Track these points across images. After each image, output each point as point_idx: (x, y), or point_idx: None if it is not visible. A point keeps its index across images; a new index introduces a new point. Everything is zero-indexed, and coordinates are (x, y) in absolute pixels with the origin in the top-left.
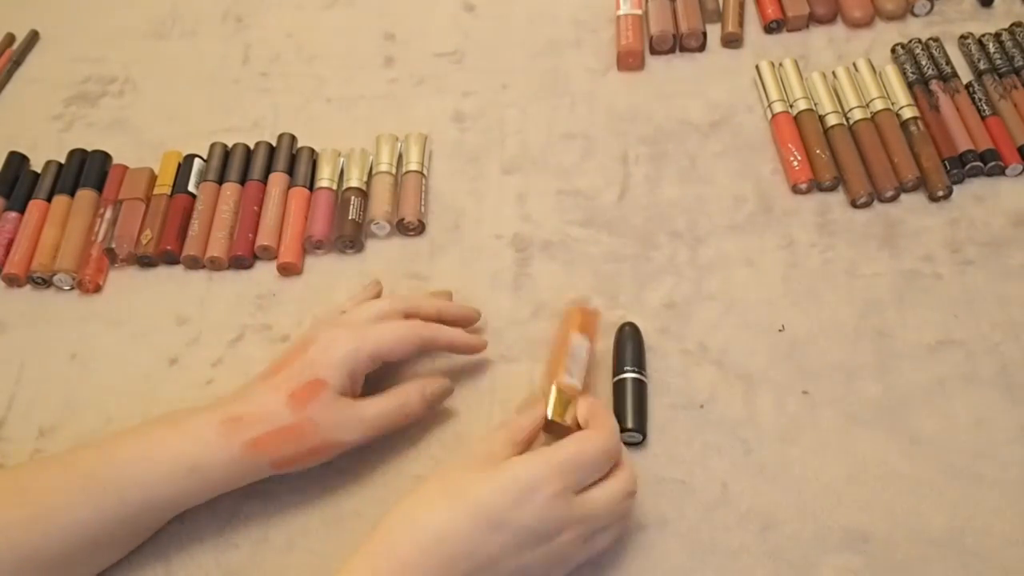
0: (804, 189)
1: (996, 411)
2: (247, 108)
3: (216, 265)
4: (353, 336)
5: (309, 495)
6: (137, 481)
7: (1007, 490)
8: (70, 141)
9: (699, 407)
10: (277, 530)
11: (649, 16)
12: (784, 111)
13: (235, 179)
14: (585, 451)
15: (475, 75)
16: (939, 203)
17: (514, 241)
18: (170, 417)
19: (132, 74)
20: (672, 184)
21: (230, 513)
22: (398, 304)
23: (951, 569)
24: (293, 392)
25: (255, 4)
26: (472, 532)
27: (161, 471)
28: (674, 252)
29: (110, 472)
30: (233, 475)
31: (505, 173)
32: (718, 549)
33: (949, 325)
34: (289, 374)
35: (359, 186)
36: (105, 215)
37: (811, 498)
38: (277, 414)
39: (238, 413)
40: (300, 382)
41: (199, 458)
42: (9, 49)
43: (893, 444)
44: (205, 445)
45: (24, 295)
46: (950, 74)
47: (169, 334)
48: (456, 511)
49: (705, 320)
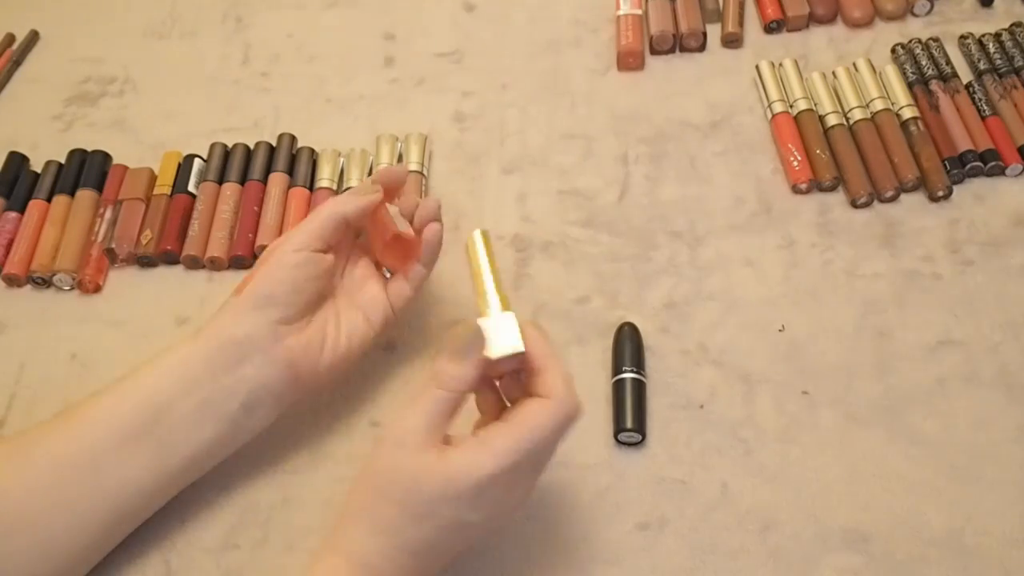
0: (804, 189)
1: (996, 411)
2: (247, 108)
3: (216, 265)
4: (297, 228)
5: (310, 495)
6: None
7: (1007, 490)
8: (70, 141)
9: (699, 407)
10: (277, 530)
11: (649, 16)
12: (784, 111)
13: (235, 179)
14: (547, 434)
15: (475, 75)
16: (939, 203)
17: (514, 241)
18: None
19: (132, 74)
20: (672, 184)
21: (230, 513)
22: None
23: (951, 569)
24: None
25: (255, 4)
26: (435, 539)
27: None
28: (674, 252)
29: (139, 369)
30: (219, 326)
31: (505, 173)
32: (718, 549)
33: (949, 325)
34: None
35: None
36: (105, 215)
37: (811, 498)
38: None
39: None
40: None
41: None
42: (9, 49)
43: (893, 444)
44: (208, 321)
45: (24, 295)
46: (950, 74)
47: (169, 334)
48: (419, 529)
49: (705, 320)
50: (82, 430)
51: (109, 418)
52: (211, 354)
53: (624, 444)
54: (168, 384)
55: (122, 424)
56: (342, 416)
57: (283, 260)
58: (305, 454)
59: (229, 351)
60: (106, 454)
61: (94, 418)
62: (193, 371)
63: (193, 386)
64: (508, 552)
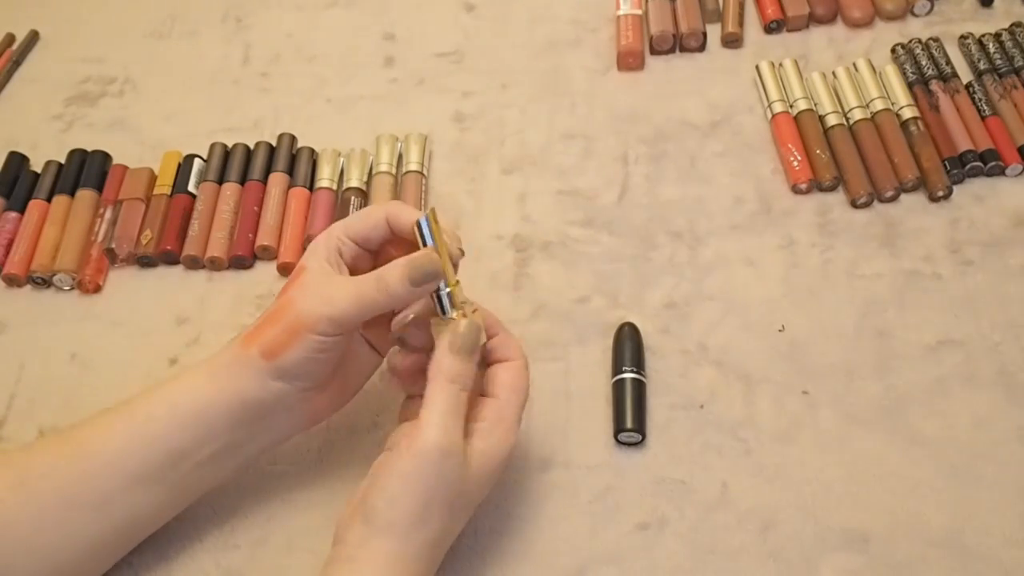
0: (804, 189)
1: (996, 411)
2: (247, 108)
3: (216, 265)
4: (328, 230)
5: (310, 495)
6: (179, 417)
7: (1007, 490)
8: (70, 141)
9: (699, 407)
10: (277, 530)
11: (649, 16)
12: (784, 111)
13: (235, 179)
14: (527, 391)
15: (475, 75)
16: (939, 203)
17: (514, 241)
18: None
19: (132, 74)
20: (672, 184)
21: (230, 513)
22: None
23: (951, 569)
24: (282, 289)
25: (255, 4)
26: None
27: (202, 403)
28: (674, 252)
29: (152, 410)
30: (244, 385)
31: (505, 173)
32: (718, 549)
33: (949, 325)
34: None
35: (359, 186)
36: (105, 215)
37: (811, 498)
38: (275, 302)
39: (250, 329)
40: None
41: (238, 382)
42: (9, 49)
43: (893, 444)
44: (236, 360)
45: (24, 295)
46: (950, 74)
47: (169, 334)
48: (459, 522)
49: (705, 320)
50: (93, 470)
51: (122, 460)
52: (232, 409)
53: (624, 444)
54: (186, 434)
55: (136, 468)
56: (343, 415)
57: (309, 343)
58: (306, 453)
59: (253, 410)
60: (118, 493)
61: (106, 460)
62: (213, 423)
63: (212, 437)
64: (508, 552)
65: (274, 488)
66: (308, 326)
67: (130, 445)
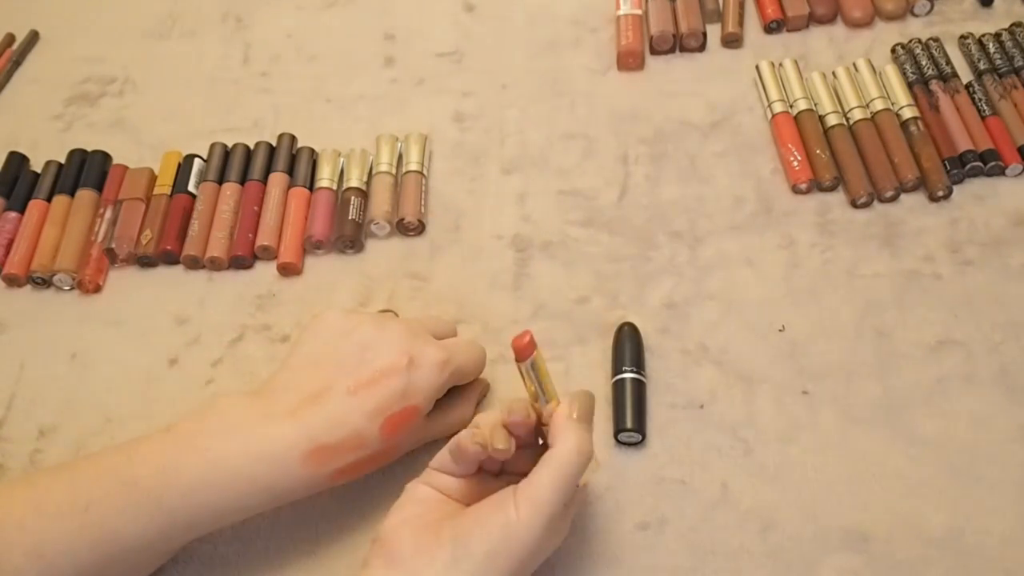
0: (804, 189)
1: (996, 411)
2: (247, 108)
3: (216, 265)
4: (446, 360)
5: (310, 496)
6: (207, 507)
7: (1007, 490)
8: (70, 141)
9: (699, 407)
10: (277, 530)
11: (649, 16)
12: (784, 111)
13: (235, 179)
14: (576, 469)
15: (475, 75)
16: (939, 203)
17: (514, 241)
18: (238, 427)
19: (132, 74)
20: (672, 184)
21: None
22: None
23: (951, 569)
24: (388, 419)
25: (255, 4)
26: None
27: (232, 497)
28: (674, 252)
29: (178, 502)
30: (303, 492)
31: (505, 173)
32: (718, 549)
33: (949, 325)
34: (385, 396)
35: (359, 186)
36: (105, 215)
37: (811, 498)
38: (369, 442)
39: (326, 442)
40: (396, 409)
41: (277, 483)
42: (9, 49)
43: (893, 444)
44: (286, 474)
45: (24, 295)
46: (950, 74)
47: (169, 334)
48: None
49: (705, 320)
50: (104, 539)
51: (141, 532)
52: (256, 477)
53: (624, 444)
54: (210, 500)
55: (163, 547)
56: None
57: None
58: None
59: (282, 498)
60: (134, 544)
61: (118, 531)
62: (239, 490)
63: (237, 500)
64: None
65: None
66: (395, 458)
67: (159, 537)
